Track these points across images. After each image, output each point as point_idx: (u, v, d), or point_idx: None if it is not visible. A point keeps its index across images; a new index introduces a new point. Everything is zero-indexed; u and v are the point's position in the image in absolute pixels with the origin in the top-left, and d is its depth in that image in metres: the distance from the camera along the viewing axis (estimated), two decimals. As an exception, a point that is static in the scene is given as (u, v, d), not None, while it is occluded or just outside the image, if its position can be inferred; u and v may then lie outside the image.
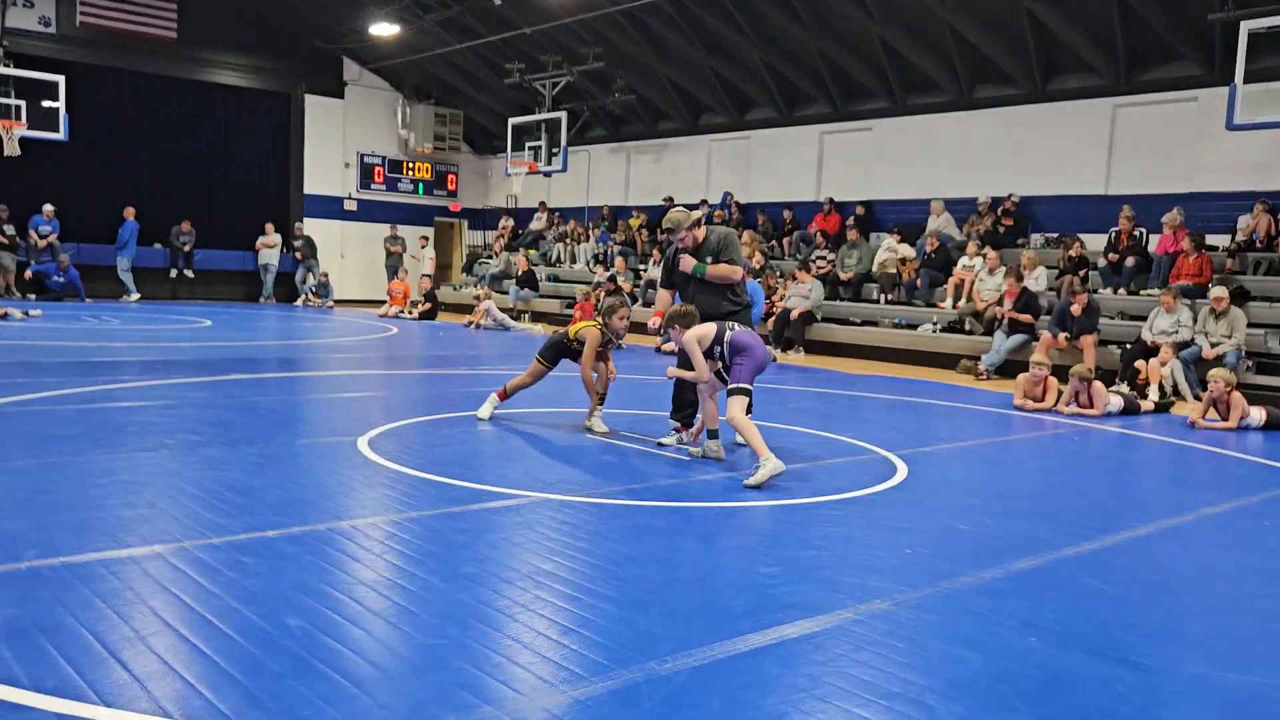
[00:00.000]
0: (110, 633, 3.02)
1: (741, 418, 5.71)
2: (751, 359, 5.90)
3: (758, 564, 4.08)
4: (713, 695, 2.77)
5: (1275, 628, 3.64)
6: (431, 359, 12.61)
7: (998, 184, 15.70)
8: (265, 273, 21.98)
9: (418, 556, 3.95)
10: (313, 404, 8.26)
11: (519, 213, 24.45)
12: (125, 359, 10.32)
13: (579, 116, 21.00)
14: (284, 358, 11.97)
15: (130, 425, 6.44)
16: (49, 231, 18.82)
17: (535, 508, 4.85)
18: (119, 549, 3.83)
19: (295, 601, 3.35)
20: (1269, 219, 12.79)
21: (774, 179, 18.94)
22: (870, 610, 3.56)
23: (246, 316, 17.99)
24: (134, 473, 5.11)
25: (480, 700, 2.67)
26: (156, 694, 2.62)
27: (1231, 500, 5.94)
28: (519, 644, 3.11)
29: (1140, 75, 14.13)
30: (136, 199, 20.67)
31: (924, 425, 8.68)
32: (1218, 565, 4.49)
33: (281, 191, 23.31)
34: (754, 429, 5.67)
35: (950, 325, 14.18)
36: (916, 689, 2.90)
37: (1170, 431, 8.70)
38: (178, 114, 21.87)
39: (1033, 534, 4.80)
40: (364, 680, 2.77)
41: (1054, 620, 3.56)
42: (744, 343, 5.94)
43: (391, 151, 24.63)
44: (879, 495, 5.52)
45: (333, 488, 5.14)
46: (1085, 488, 6.17)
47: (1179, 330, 11.30)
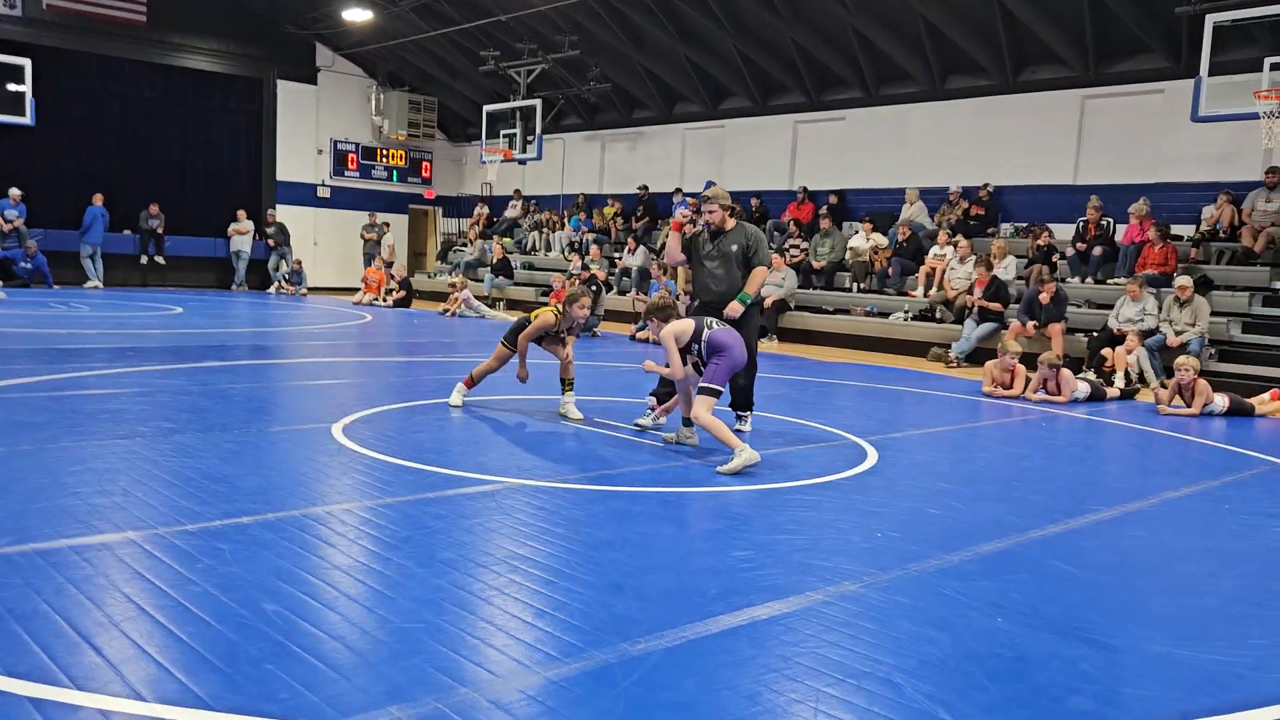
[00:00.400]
0: (83, 618, 3.02)
1: (707, 417, 5.71)
2: (728, 359, 5.86)
3: (731, 548, 4.13)
4: (686, 675, 2.82)
5: (1236, 608, 3.74)
6: (406, 346, 12.58)
7: (969, 174, 15.84)
8: (237, 260, 21.79)
9: (394, 542, 3.97)
10: (287, 391, 8.23)
11: (494, 200, 24.37)
12: (96, 346, 10.22)
13: (554, 104, 20.95)
14: (257, 345, 11.90)
15: (103, 413, 6.40)
16: (15, 216, 18.55)
17: (511, 493, 4.88)
18: (92, 535, 3.83)
19: (272, 587, 3.37)
20: (1232, 209, 12.99)
21: (748, 168, 18.98)
22: (840, 592, 3.62)
23: (219, 304, 17.84)
24: (107, 460, 5.08)
25: (456, 683, 2.70)
26: (130, 678, 2.63)
27: (1194, 484, 6.06)
28: (494, 627, 3.14)
29: (1109, 67, 14.29)
30: (105, 185, 20.41)
31: (895, 412, 8.78)
32: (1180, 547, 4.59)
33: (254, 178, 23.08)
34: (721, 425, 5.69)
35: (921, 313, 14.31)
36: (885, 668, 2.96)
37: (1135, 417, 8.85)
38: (148, 99, 21.58)
39: (1001, 518, 4.89)
40: (341, 664, 2.79)
41: (1020, 601, 3.63)
42: (722, 342, 5.90)
43: (365, 138, 24.46)
44: (850, 480, 5.59)
45: (308, 474, 5.15)
46: (1052, 473, 6.27)
47: (1144, 318, 11.47)
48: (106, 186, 20.34)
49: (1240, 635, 3.42)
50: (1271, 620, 3.59)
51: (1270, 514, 5.33)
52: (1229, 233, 13.00)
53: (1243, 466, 6.75)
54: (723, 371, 5.85)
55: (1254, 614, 3.66)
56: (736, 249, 6.75)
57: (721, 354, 5.85)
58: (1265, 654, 3.24)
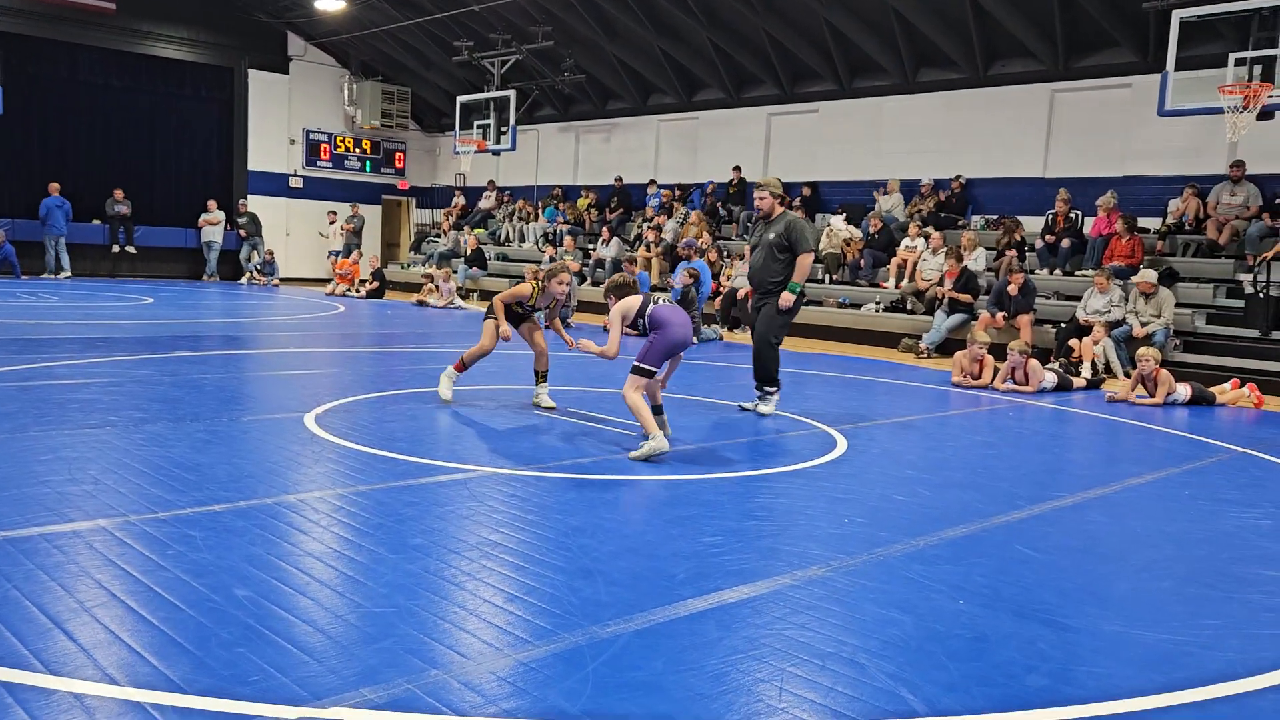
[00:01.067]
0: (54, 604, 3.03)
1: (634, 396, 5.67)
2: (664, 338, 5.78)
3: (700, 534, 4.19)
4: (655, 656, 2.87)
5: (1191, 589, 3.84)
6: (379, 337, 12.55)
7: (940, 166, 15.98)
8: (208, 250, 21.63)
9: (366, 529, 4.00)
10: (259, 381, 8.21)
11: (468, 191, 24.31)
12: (65, 336, 10.14)
13: (528, 95, 20.91)
14: (229, 335, 11.83)
15: (73, 402, 6.37)
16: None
17: (483, 481, 4.91)
18: (63, 523, 3.83)
19: (244, 573, 3.39)
20: (1198, 202, 13.20)
21: (722, 160, 19.04)
22: (808, 576, 3.69)
23: (189, 294, 17.70)
24: (78, 449, 5.07)
25: (428, 665, 2.74)
26: (103, 662, 2.65)
27: (1155, 471, 6.18)
28: (466, 611, 3.18)
29: (1078, 61, 14.45)
30: (75, 174, 20.21)
31: (865, 402, 8.87)
32: (1140, 532, 4.70)
33: (225, 168, 22.90)
34: (645, 408, 5.64)
35: (892, 305, 14.43)
36: (850, 649, 3.02)
37: (1101, 407, 8.99)
38: (117, 88, 21.35)
39: (967, 504, 4.97)
40: (313, 647, 2.82)
41: (983, 584, 3.71)
42: (662, 318, 5.83)
43: (338, 128, 24.31)
44: (820, 468, 5.67)
45: (280, 463, 5.15)
46: (1018, 461, 6.38)
47: (1111, 310, 11.63)
48: (75, 176, 20.13)
49: (1193, 616, 3.51)
50: (1224, 601, 3.70)
51: (1228, 500, 5.45)
52: (1194, 226, 13.21)
53: (1204, 454, 6.88)
54: (657, 351, 5.78)
55: (1207, 595, 3.76)
56: (775, 236, 7.30)
57: (660, 330, 5.79)
58: (1217, 633, 3.34)
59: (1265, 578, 4.02)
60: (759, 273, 7.46)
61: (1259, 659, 3.13)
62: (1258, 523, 4.96)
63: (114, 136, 21.34)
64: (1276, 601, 3.72)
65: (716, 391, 8.69)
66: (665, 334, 5.79)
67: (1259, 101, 10.81)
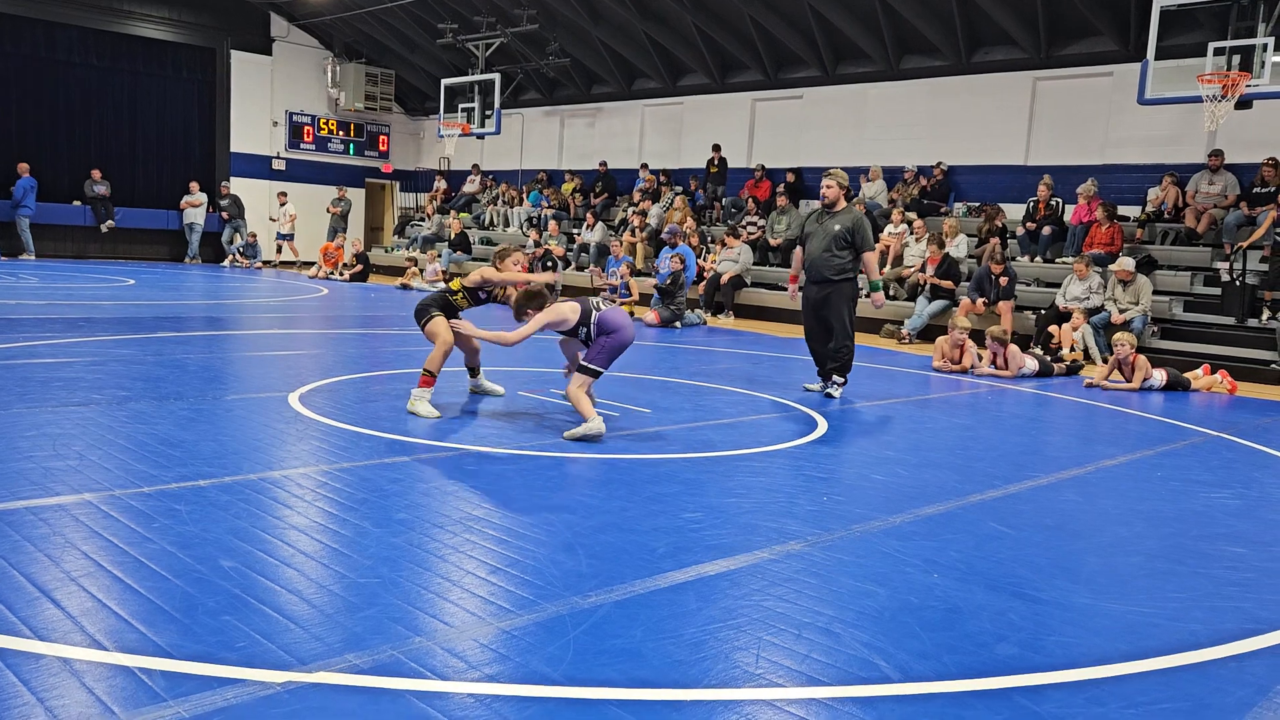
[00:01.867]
0: (42, 574, 3.07)
1: (579, 392, 5.68)
2: (617, 340, 5.77)
3: (681, 510, 4.25)
4: (634, 625, 2.94)
5: (1158, 564, 3.93)
6: (363, 319, 12.54)
7: (923, 153, 16.05)
8: (190, 232, 21.49)
9: (350, 504, 4.04)
10: (243, 361, 8.21)
11: (452, 175, 24.23)
12: (47, 316, 10.10)
13: (512, 79, 20.85)
14: (212, 317, 11.80)
15: (56, 381, 6.37)
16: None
17: (467, 459, 4.96)
18: (49, 497, 3.86)
19: (229, 545, 3.43)
20: (1176, 191, 13.32)
21: (706, 145, 19.05)
22: (786, 551, 3.76)
23: (172, 276, 17.61)
24: (62, 426, 5.08)
25: (412, 632, 2.79)
26: (91, 629, 2.69)
27: (1129, 453, 6.28)
28: (449, 582, 3.23)
29: (1059, 50, 14.54)
30: (53, 154, 20.04)
31: (847, 385, 8.94)
32: (1112, 511, 4.79)
33: (207, 149, 22.74)
34: (586, 402, 5.67)
35: (876, 291, 14.49)
36: (826, 619, 3.10)
37: (1079, 392, 9.10)
38: (97, 68, 21.13)
39: (943, 483, 5.06)
40: (299, 616, 2.87)
41: (957, 559, 3.79)
42: (613, 322, 5.81)
43: (321, 110, 24.17)
44: (800, 448, 5.74)
45: (265, 440, 5.18)
46: (996, 442, 6.47)
47: (1090, 297, 11.75)
48: (54, 156, 19.96)
49: (1160, 590, 3.61)
50: (1190, 576, 3.79)
51: (1198, 480, 5.56)
52: (1173, 214, 13.34)
53: (1177, 437, 7.00)
54: (606, 353, 5.75)
55: (1174, 570, 3.85)
56: (840, 229, 7.48)
57: (610, 334, 5.77)
58: (1182, 606, 3.43)
59: (1231, 554, 4.12)
60: (818, 263, 7.57)
61: (1222, 630, 3.22)
62: (1226, 502, 5.07)
63: (94, 117, 21.13)
64: (1241, 576, 3.82)
65: (700, 374, 8.75)
66: (618, 336, 5.78)
67: (1237, 91, 10.92)
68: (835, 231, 7.48)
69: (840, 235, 7.48)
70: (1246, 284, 11.56)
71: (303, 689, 2.41)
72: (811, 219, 7.78)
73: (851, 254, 7.54)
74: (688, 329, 13.41)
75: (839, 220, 7.52)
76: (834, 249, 7.50)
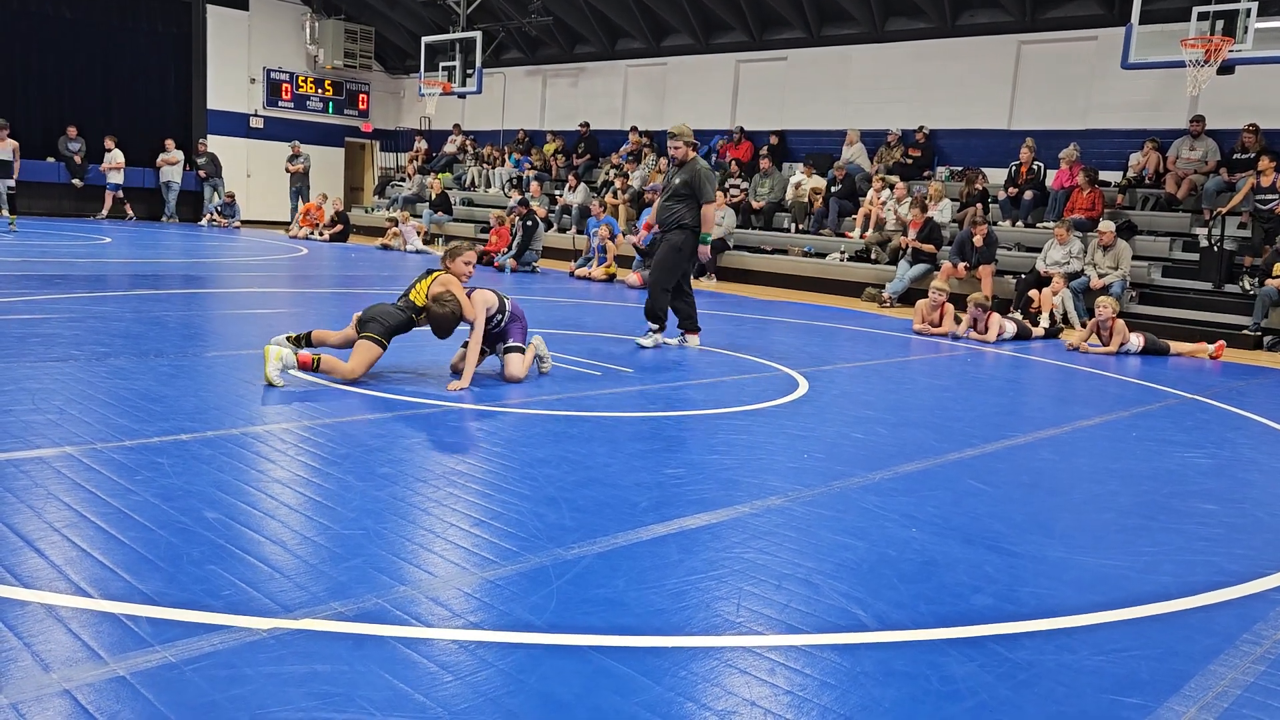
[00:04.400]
0: (25, 524, 3.07)
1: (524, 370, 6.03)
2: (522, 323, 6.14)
3: (663, 466, 4.29)
4: (617, 575, 2.97)
5: (1131, 520, 4.00)
6: (344, 279, 12.47)
7: (907, 116, 16.03)
8: (167, 191, 21.22)
9: (333, 459, 4.05)
10: (223, 319, 8.16)
11: (432, 135, 24.01)
12: (22, 273, 9.99)
13: (494, 37, 20.63)
14: (191, 275, 11.70)
15: (34, 337, 6.32)
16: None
17: (450, 415, 4.97)
18: (29, 450, 3.84)
19: (213, 498, 3.44)
20: (1158, 157, 13.38)
21: (689, 107, 18.95)
22: (766, 506, 3.80)
23: (149, 234, 17.42)
24: (41, 381, 5.05)
25: (396, 581, 2.82)
26: (75, 578, 2.70)
27: (1105, 415, 6.37)
28: (433, 534, 3.25)
29: (1044, 13, 14.51)
30: (26, 110, 19.67)
31: (828, 347, 8.99)
32: (1087, 469, 4.86)
33: (183, 107, 22.41)
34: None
35: (857, 254, 14.55)
36: (805, 571, 3.14)
37: (1057, 355, 9.19)
38: (68, 21, 20.71)
39: (922, 442, 5.11)
40: (284, 566, 2.89)
41: (934, 514, 3.85)
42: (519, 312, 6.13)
43: (299, 68, 23.85)
44: (781, 407, 5.78)
45: (247, 396, 5.17)
46: (974, 403, 6.53)
47: (1070, 261, 11.82)
48: (27, 112, 19.59)
49: (1132, 544, 3.67)
50: (1161, 531, 3.86)
51: (1172, 440, 5.64)
52: (1154, 180, 13.40)
53: (1152, 399, 7.09)
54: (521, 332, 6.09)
55: (1147, 526, 3.93)
56: (679, 181, 7.71)
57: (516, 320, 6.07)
58: (1153, 559, 3.50)
59: (1202, 510, 4.20)
60: (661, 213, 7.92)
61: (1191, 582, 3.29)
62: (1199, 461, 5.15)
63: (66, 71, 20.75)
64: (1211, 531, 3.90)
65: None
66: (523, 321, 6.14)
67: (1220, 56, 10.95)
68: (675, 184, 7.77)
69: (680, 188, 7.73)
70: (1225, 250, 11.65)
71: (288, 635, 2.44)
72: (666, 179, 8.07)
73: (690, 205, 7.73)
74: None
75: (681, 174, 7.78)
76: (676, 199, 7.77)
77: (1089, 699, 2.41)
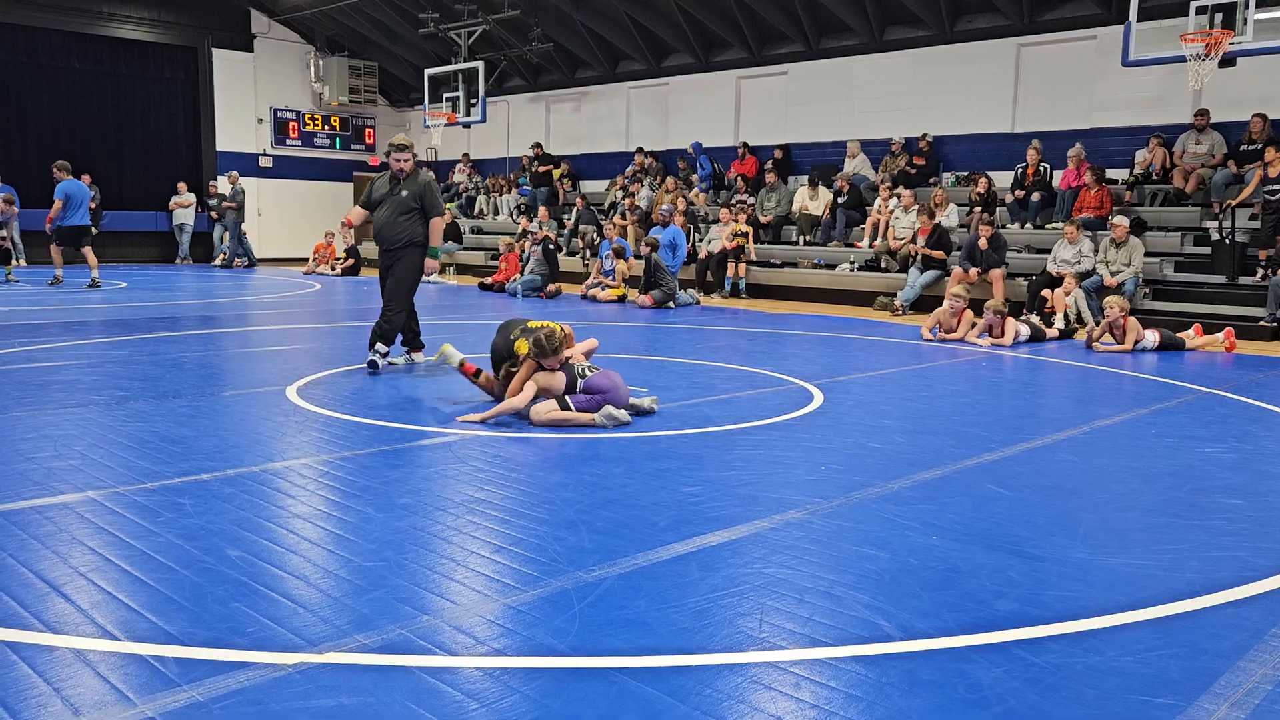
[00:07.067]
0: (51, 570, 3.10)
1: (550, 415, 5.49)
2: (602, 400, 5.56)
3: (680, 484, 4.29)
4: (638, 596, 2.98)
5: (1154, 519, 3.98)
6: (357, 312, 12.54)
7: (910, 124, 16.04)
8: (180, 233, 21.44)
9: (353, 491, 4.07)
10: (239, 358, 8.23)
11: (439, 165, 24.18)
12: (41, 321, 10.10)
13: (496, 66, 20.79)
14: (206, 315, 11.80)
15: (54, 384, 6.39)
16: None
17: (467, 444, 4.99)
18: (53, 496, 3.88)
19: (234, 536, 3.46)
20: (1164, 152, 13.34)
21: (692, 125, 19.03)
22: (786, 520, 3.80)
23: (164, 277, 17.59)
24: (62, 427, 5.11)
25: (419, 611, 2.83)
26: (102, 621, 2.72)
27: (1124, 413, 6.33)
28: (454, 562, 3.27)
29: (1042, 15, 14.52)
30: (39, 160, 19.90)
31: (841, 358, 8.98)
32: (1108, 469, 4.83)
33: (193, 149, 22.67)
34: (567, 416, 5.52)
35: (867, 264, 14.54)
36: (827, 583, 3.14)
37: (1073, 355, 9.15)
38: (79, 71, 21.00)
39: (940, 449, 5.10)
40: (307, 600, 2.90)
41: (955, 520, 3.83)
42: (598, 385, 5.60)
43: (305, 105, 24.09)
44: (797, 420, 5.78)
45: (265, 433, 5.21)
46: (991, 407, 6.51)
47: (1081, 260, 11.78)
48: (41, 161, 19.80)
49: (1156, 543, 3.65)
50: (1185, 528, 3.84)
51: (1192, 436, 5.60)
52: (1161, 175, 13.36)
53: (1170, 396, 7.04)
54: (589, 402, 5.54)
55: (1170, 524, 3.90)
56: (407, 194, 7.38)
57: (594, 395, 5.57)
58: (1178, 558, 3.48)
59: (1226, 506, 4.16)
60: (387, 229, 7.38)
61: (1217, 579, 3.27)
62: (1221, 456, 5.12)
63: (78, 120, 21.03)
64: (1236, 527, 3.87)
65: (694, 353, 8.78)
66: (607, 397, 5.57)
67: (1220, 49, 10.93)
68: (403, 198, 7.36)
69: (408, 201, 7.35)
70: (1236, 242, 11.59)
71: (314, 669, 2.45)
72: (380, 187, 7.53)
73: (420, 219, 7.40)
74: (681, 309, 13.43)
75: (408, 187, 7.39)
76: (401, 215, 7.35)
77: (1118, 700, 2.39)
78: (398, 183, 7.45)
